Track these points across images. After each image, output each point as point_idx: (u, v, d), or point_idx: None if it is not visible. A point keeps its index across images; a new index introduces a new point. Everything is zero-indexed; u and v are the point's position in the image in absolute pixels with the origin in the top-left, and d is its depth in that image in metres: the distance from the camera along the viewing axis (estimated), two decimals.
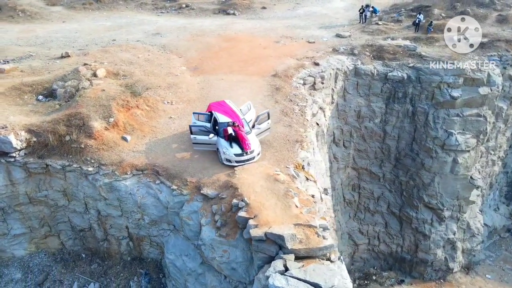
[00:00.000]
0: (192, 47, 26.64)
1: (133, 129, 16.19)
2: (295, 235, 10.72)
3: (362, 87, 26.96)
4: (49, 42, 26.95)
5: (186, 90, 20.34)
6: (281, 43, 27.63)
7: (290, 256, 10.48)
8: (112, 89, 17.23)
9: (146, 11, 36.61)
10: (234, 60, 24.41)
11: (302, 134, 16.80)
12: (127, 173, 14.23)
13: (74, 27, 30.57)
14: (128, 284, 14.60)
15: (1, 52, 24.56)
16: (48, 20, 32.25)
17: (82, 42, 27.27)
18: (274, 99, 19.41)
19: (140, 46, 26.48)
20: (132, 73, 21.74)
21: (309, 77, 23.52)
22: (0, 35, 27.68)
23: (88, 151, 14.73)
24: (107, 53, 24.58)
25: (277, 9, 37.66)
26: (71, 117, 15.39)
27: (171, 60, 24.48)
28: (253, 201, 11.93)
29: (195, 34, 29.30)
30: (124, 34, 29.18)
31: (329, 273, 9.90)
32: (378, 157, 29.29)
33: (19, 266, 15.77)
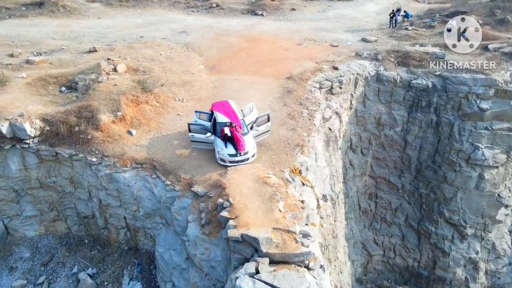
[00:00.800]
0: (213, 46, 27.08)
1: (140, 123, 16.78)
2: (271, 239, 10.70)
3: (383, 94, 26.21)
4: (82, 37, 28.40)
5: (199, 89, 20.76)
6: (303, 46, 27.44)
7: (264, 260, 10.49)
8: (124, 84, 17.95)
9: (177, 9, 37.60)
10: (252, 61, 24.57)
11: (305, 138, 16.65)
12: (127, 166, 14.80)
13: (107, 23, 32.01)
14: (122, 272, 15.19)
15: (37, 44, 26.21)
16: (85, 16, 33.96)
17: (112, 37, 28.50)
18: (283, 101, 19.36)
19: (165, 43, 27.28)
20: (151, 70, 22.49)
21: (326, 81, 23.20)
22: (39, 29, 29.50)
23: (94, 142, 15.48)
24: (131, 49, 25.56)
25: (306, 11, 37.38)
26: (82, 109, 16.22)
27: (191, 58, 25.04)
28: (237, 202, 12.02)
29: (220, 33, 29.74)
30: (152, 31, 30.16)
31: (298, 280, 9.81)
32: (397, 167, 28.34)
33: (29, 246, 16.85)
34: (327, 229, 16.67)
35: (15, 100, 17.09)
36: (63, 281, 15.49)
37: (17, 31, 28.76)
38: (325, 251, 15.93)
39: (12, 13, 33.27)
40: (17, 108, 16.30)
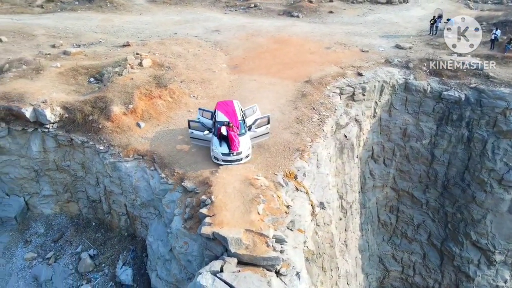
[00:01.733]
0: (241, 46, 27.44)
1: (150, 117, 17.53)
2: (240, 240, 10.80)
3: (411, 104, 25.10)
4: (121, 31, 30.03)
5: (216, 87, 21.20)
6: (331, 50, 26.98)
7: (231, 259, 10.62)
8: (140, 78, 18.82)
9: (217, 8, 38.44)
10: (275, 62, 24.60)
11: (307, 143, 16.47)
12: (129, 156, 15.57)
13: (147, 19, 33.54)
14: (118, 256, 16.02)
15: (78, 37, 28.15)
16: (129, 12, 35.81)
17: (148, 33, 29.84)
18: (295, 105, 19.23)
19: (195, 41, 28.09)
20: (175, 66, 23.33)
21: (348, 87, 22.69)
22: (84, 22, 31.60)
23: (104, 132, 16.43)
24: (162, 45, 26.62)
25: (345, 14, 36.60)
26: (97, 100, 17.28)
27: (216, 57, 25.58)
28: (218, 201, 12.24)
29: (251, 33, 30.04)
30: (187, 29, 31.15)
31: (258, 283, 9.83)
32: (422, 182, 27.00)
33: (44, 222, 18.27)
34: (323, 237, 16.35)
35: (43, 88, 18.55)
36: (67, 258, 16.64)
37: (65, 23, 31.02)
38: (318, 259, 15.65)
39: (64, 6, 35.92)
40: (42, 95, 17.69)
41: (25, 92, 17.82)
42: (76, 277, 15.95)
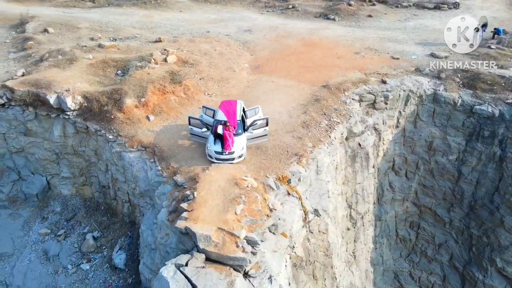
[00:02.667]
0: (268, 47, 27.57)
1: (161, 111, 18.25)
2: (210, 237, 11.02)
3: (439, 116, 23.82)
4: (157, 27, 31.37)
5: (232, 86, 21.54)
6: (359, 55, 26.29)
7: (199, 255, 10.89)
8: (157, 73, 19.63)
9: (255, 8, 38.83)
10: (298, 65, 24.46)
11: (308, 149, 16.28)
12: (133, 147, 16.36)
13: (185, 16, 34.71)
14: (117, 241, 16.91)
15: (117, 31, 29.82)
16: (170, 9, 37.25)
17: (182, 30, 30.90)
18: (305, 109, 19.04)
19: (225, 39, 28.64)
20: (199, 63, 24.03)
21: (369, 94, 22.05)
22: (126, 18, 33.39)
23: (115, 122, 17.39)
24: (192, 42, 27.48)
25: (385, 18, 35.36)
26: (113, 91, 18.30)
27: (241, 56, 25.94)
28: (200, 197, 12.54)
29: (281, 35, 30.06)
30: (220, 27, 31.82)
31: (215, 281, 10.01)
32: (447, 199, 25.51)
33: (61, 202, 19.72)
34: (316, 245, 16.09)
35: (70, 77, 19.98)
36: (75, 237, 17.85)
37: (109, 18, 32.97)
38: (307, 266, 15.45)
39: (112, 1, 38.15)
40: (67, 84, 19.07)
41: (54, 80, 19.29)
42: (78, 256, 17.08)
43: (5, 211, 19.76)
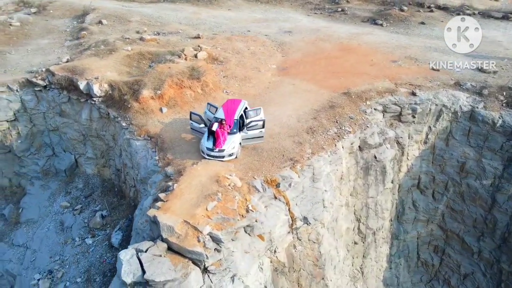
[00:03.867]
0: (303, 49, 27.33)
1: (175, 104, 19.09)
2: (173, 228, 11.44)
3: (475, 136, 21.95)
4: (201, 24, 32.56)
5: (252, 86, 21.79)
6: (396, 64, 25.04)
7: (162, 244, 11.39)
8: (178, 68, 20.49)
9: (303, 9, 38.52)
10: (325, 70, 23.98)
11: (305, 155, 16.01)
12: (141, 136, 17.35)
13: (231, 15, 35.55)
14: (119, 222, 18.09)
15: (163, 26, 31.47)
16: (219, 7, 38.35)
17: (224, 28, 31.74)
18: (316, 114, 18.68)
19: (262, 39, 28.93)
20: (228, 61, 24.65)
21: (394, 105, 21.05)
22: (176, 14, 35.07)
23: (130, 111, 18.55)
24: (228, 40, 28.17)
25: (439, 26, 32.96)
26: (135, 82, 19.51)
27: (271, 57, 26.05)
28: (178, 189, 13.03)
29: (320, 38, 29.60)
30: (262, 27, 32.14)
31: (164, 270, 10.47)
32: (477, 227, 23.42)
33: (84, 180, 21.52)
34: (303, 253, 15.80)
35: (104, 66, 21.64)
36: (87, 213, 19.41)
37: (160, 13, 34.88)
38: (290, 273, 15.26)
39: None
40: (99, 72, 20.69)
41: (88, 68, 21.05)
42: (86, 230, 18.56)
43: (38, 182, 22.04)
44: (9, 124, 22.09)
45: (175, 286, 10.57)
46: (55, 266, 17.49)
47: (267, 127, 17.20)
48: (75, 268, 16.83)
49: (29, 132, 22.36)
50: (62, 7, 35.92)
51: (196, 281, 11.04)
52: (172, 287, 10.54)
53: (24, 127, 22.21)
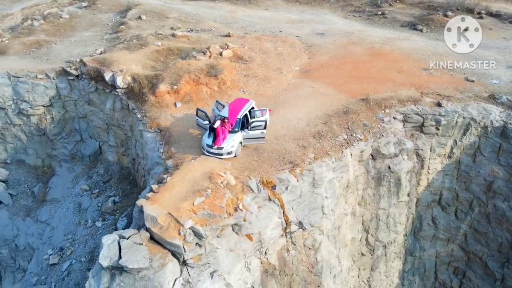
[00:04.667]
0: (331, 52, 26.86)
1: (190, 100, 19.60)
2: (156, 219, 11.84)
3: (505, 154, 20.46)
4: (235, 23, 33.01)
5: (270, 87, 21.79)
6: (427, 72, 23.88)
7: (144, 233, 11.86)
8: (197, 65, 20.99)
9: (342, 12, 37.73)
10: (349, 74, 23.40)
11: (307, 159, 15.78)
12: (152, 128, 18.02)
13: (267, 15, 35.66)
14: (127, 208, 18.92)
15: (198, 23, 32.32)
16: (257, 6, 38.60)
17: (256, 28, 31.94)
18: (327, 119, 18.32)
19: (291, 40, 28.79)
20: (252, 60, 24.83)
21: (416, 116, 20.15)
22: (213, 12, 35.83)
23: (147, 103, 19.33)
24: (257, 40, 28.34)
25: (486, 35, 30.87)
26: (155, 77, 20.28)
27: (297, 59, 25.86)
28: (171, 183, 13.42)
29: (352, 41, 28.90)
30: (295, 28, 31.96)
31: (138, 258, 10.84)
32: (502, 252, 21.76)
33: (105, 166, 22.75)
34: (297, 258, 15.59)
35: (131, 60, 22.69)
36: (102, 198, 20.52)
37: (198, 11, 35.82)
38: (281, 276, 15.15)
39: None
40: (125, 65, 21.75)
41: (116, 61, 22.19)
42: (98, 214, 19.64)
43: (66, 164, 23.64)
44: (45, 109, 23.89)
45: (150, 274, 10.95)
46: (67, 244, 18.70)
47: (273, 128, 17.21)
48: (82, 248, 17.88)
49: (62, 117, 24.01)
50: (109, 1, 37.99)
51: (172, 272, 11.35)
52: (146, 275, 10.94)
53: (58, 112, 23.90)
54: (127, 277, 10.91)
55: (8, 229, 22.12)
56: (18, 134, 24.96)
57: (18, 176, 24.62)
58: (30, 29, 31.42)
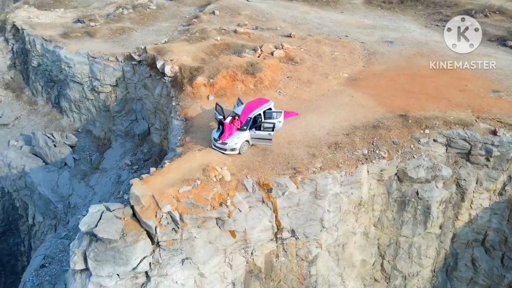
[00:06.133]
0: (391, 62, 25.23)
1: (224, 94, 20.27)
2: (139, 198, 12.75)
3: None
4: (303, 24, 32.78)
5: (308, 91, 21.39)
6: (496, 94, 21.10)
7: (128, 209, 12.92)
8: (237, 61, 21.48)
9: (425, 20, 34.75)
10: (400, 88, 21.71)
11: (312, 168, 15.27)
12: (180, 116, 19.11)
13: (339, 18, 34.66)
14: None
15: (266, 21, 32.85)
16: (333, 9, 37.67)
17: (323, 30, 31.30)
18: (351, 131, 17.38)
19: (351, 46, 27.68)
20: (303, 63, 24.60)
21: (462, 141, 18.14)
22: (286, 11, 35.94)
23: (183, 93, 20.50)
24: (317, 43, 27.86)
25: None
26: (196, 69, 21.36)
27: (351, 65, 24.82)
28: (168, 168, 14.28)
29: (421, 53, 26.68)
30: (363, 34, 30.60)
31: (111, 231, 11.79)
32: None
33: (149, 146, 24.75)
34: (286, 266, 15.24)
35: (185, 51, 24.20)
36: (137, 174, 22.23)
37: (272, 9, 36.33)
38: (266, 280, 14.99)
39: None
40: (177, 55, 23.30)
41: (171, 51, 23.92)
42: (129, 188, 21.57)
43: (120, 139, 26.37)
44: (111, 88, 26.89)
45: (120, 247, 11.89)
46: None
47: (290, 132, 17.01)
48: None
49: (124, 97, 26.75)
50: None
51: (141, 250, 12.16)
52: (117, 247, 11.90)
53: (121, 92, 26.69)
54: (100, 245, 12.02)
55: (66, 188, 25.51)
56: (90, 107, 28.51)
57: (84, 144, 28.16)
58: (119, 16, 35.31)
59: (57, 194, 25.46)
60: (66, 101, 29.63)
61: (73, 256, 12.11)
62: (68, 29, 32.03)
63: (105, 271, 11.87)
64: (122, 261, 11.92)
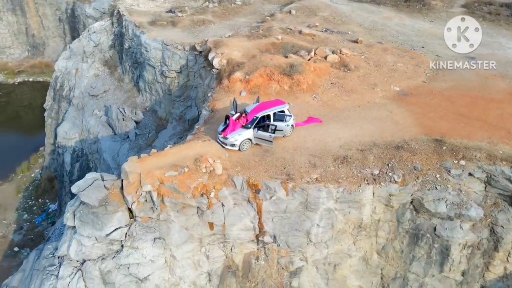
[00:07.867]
0: (460, 81, 22.50)
1: (257, 91, 20.46)
2: (128, 174, 13.92)
3: None
4: (379, 31, 30.90)
5: (346, 100, 20.35)
6: None
7: (118, 182, 14.25)
8: (277, 61, 21.34)
9: None
10: (455, 110, 19.29)
11: (307, 178, 14.63)
12: (208, 107, 19.94)
13: (423, 26, 31.71)
14: None
15: (340, 25, 31.91)
16: (423, 16, 34.42)
17: (398, 38, 29.22)
18: (368, 147, 16.08)
19: (422, 59, 25.37)
20: (356, 70, 23.50)
21: (506, 181, 15.70)
22: (366, 15, 34.10)
23: (220, 85, 21.26)
24: (382, 51, 26.27)
25: None
26: (239, 64, 21.93)
27: (409, 79, 22.82)
28: (165, 152, 15.30)
29: (505, 74, 23.26)
30: (442, 47, 27.48)
31: (93, 199, 13.15)
32: None
33: (182, 130, 26.34)
34: (265, 271, 14.95)
35: (239, 46, 24.93)
36: None
37: (354, 13, 34.91)
38: (243, 278, 14.98)
39: None
40: (229, 50, 24.18)
41: (226, 45, 24.96)
42: None
43: (174, 122, 28.52)
44: (176, 75, 29.14)
45: (99, 214, 13.17)
46: None
47: (302, 139, 16.62)
48: None
49: (184, 84, 28.79)
50: None
51: (118, 220, 13.29)
52: (96, 213, 13.21)
53: (183, 79, 28.77)
54: (85, 208, 13.48)
55: (123, 158, 28.58)
56: (158, 89, 31.33)
57: (147, 122, 31.14)
58: (204, 9, 37.76)
59: (115, 161, 28.70)
60: (143, 82, 32.94)
61: (67, 213, 13.84)
62: (156, 17, 35.38)
63: (86, 232, 13.32)
64: (98, 226, 13.21)
